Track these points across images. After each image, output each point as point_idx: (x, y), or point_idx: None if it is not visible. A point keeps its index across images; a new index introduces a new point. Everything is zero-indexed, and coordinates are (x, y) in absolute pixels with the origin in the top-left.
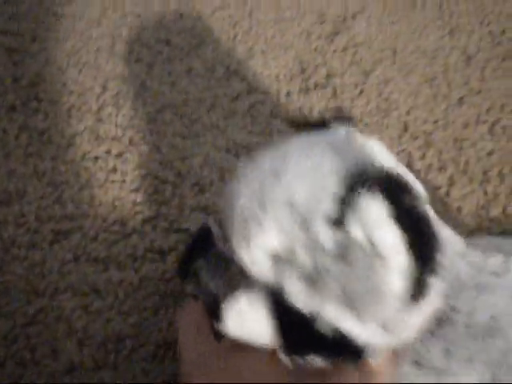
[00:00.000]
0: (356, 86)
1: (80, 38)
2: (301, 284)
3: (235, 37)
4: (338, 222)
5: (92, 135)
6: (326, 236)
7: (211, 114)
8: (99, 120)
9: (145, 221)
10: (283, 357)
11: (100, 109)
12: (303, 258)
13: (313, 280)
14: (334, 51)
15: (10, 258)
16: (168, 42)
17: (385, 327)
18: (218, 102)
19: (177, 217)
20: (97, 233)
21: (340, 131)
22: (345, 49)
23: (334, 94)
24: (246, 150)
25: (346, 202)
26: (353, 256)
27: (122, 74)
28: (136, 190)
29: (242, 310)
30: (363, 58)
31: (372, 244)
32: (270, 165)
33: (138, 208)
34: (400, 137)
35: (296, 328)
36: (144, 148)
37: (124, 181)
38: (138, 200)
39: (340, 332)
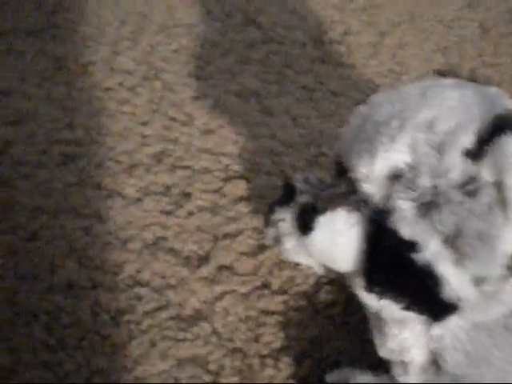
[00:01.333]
0: (371, 46)
1: None
2: (413, 208)
3: None
4: (473, 156)
5: (106, 66)
6: (458, 165)
7: (225, 59)
8: (115, 52)
9: (151, 155)
10: (360, 292)
11: (117, 42)
12: (425, 180)
13: (427, 206)
14: (353, 10)
15: (17, 176)
16: None
17: (481, 285)
18: (233, 48)
19: (182, 154)
20: (103, 160)
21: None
22: (363, 9)
23: (349, 51)
24: (256, 97)
25: (486, 140)
26: (477, 192)
27: (142, 11)
28: (145, 124)
29: (336, 226)
30: (381, 20)
31: (500, 187)
32: (419, 90)
33: (145, 141)
34: None
35: (388, 256)
36: (157, 84)
37: (134, 113)
38: (147, 133)
39: (433, 273)
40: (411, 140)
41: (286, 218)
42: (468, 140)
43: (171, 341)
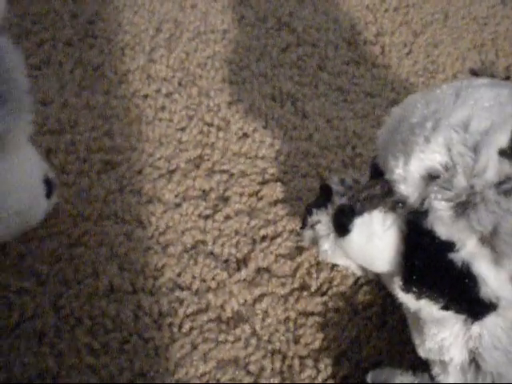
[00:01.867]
0: (405, 45)
1: None
2: (449, 208)
3: None
4: (509, 155)
5: (143, 74)
6: (493, 165)
7: (259, 63)
8: (151, 60)
9: (188, 160)
10: (398, 292)
11: (152, 50)
12: (461, 180)
13: (463, 206)
14: (386, 10)
15: (59, 184)
16: None
17: None
18: (267, 52)
19: (219, 159)
20: (142, 167)
21: None
22: (396, 9)
23: (382, 52)
24: (291, 100)
25: None
26: None
27: (176, 18)
28: (182, 130)
29: (373, 227)
30: (414, 19)
31: None
32: (453, 91)
33: (182, 146)
34: None
35: (426, 256)
36: (193, 90)
37: (171, 120)
38: (184, 139)
39: (471, 272)
40: (446, 140)
41: (322, 220)
42: (503, 139)
43: (212, 343)
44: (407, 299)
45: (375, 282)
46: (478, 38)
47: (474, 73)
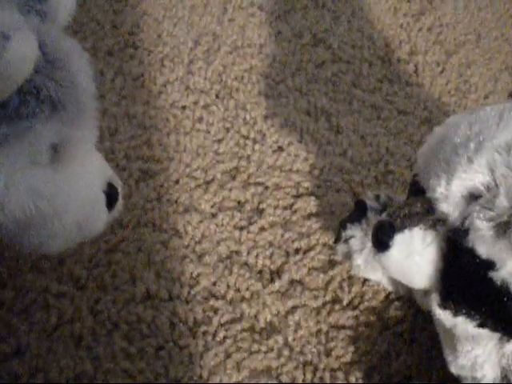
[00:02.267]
0: (438, 65)
1: None
2: (490, 227)
3: (324, 5)
4: None
5: (182, 85)
6: None
7: (295, 78)
8: (190, 72)
9: (225, 171)
10: (435, 308)
11: (191, 62)
12: (503, 200)
13: (505, 226)
14: (420, 29)
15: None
16: (261, 7)
17: None
18: (303, 67)
19: (255, 171)
20: (179, 177)
21: None
22: (429, 28)
23: (416, 70)
24: (325, 115)
25: None
26: None
27: (215, 31)
28: (219, 141)
29: (413, 244)
30: (447, 39)
31: None
32: (497, 112)
33: (219, 158)
34: None
35: (465, 275)
36: (230, 103)
37: (209, 131)
38: (221, 150)
39: (510, 292)
40: (489, 162)
41: (356, 235)
42: None
43: (245, 352)
44: (444, 316)
45: (406, 298)
46: (510, 59)
47: None
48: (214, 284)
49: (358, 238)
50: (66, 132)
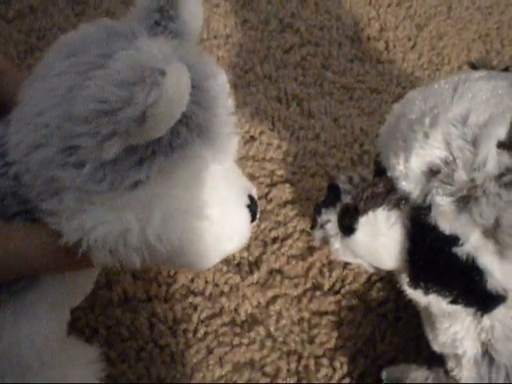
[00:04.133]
0: (409, 39)
1: None
2: (451, 202)
3: None
4: (508, 147)
5: None
6: (493, 157)
7: (264, 65)
8: None
9: None
10: (407, 288)
11: None
12: (462, 174)
13: (465, 200)
14: (389, 5)
15: None
16: None
17: None
18: (271, 54)
19: None
20: None
21: None
22: (399, 3)
23: (386, 47)
24: (297, 101)
25: None
26: None
27: None
28: None
29: (377, 225)
30: (417, 13)
31: None
32: (450, 85)
33: None
34: None
35: (431, 252)
36: None
37: None
38: None
39: (477, 265)
40: (445, 135)
41: (332, 219)
42: (502, 131)
43: (227, 346)
44: (416, 295)
45: (388, 279)
46: (483, 28)
47: (473, 66)
48: (192, 281)
49: (334, 222)
50: (212, 154)
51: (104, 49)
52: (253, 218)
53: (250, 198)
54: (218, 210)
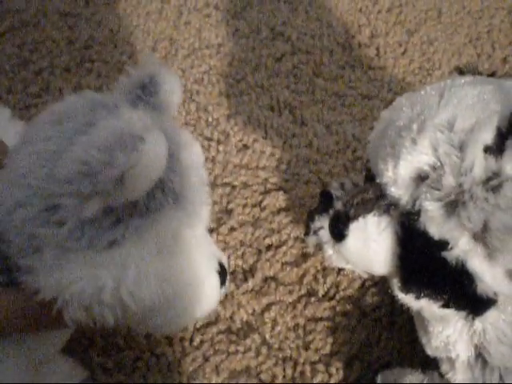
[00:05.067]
0: (400, 45)
1: (130, 2)
2: (440, 207)
3: None
4: (495, 152)
5: None
6: (480, 162)
7: (255, 74)
8: None
9: None
10: (399, 293)
11: None
12: (449, 179)
13: (453, 205)
14: (379, 12)
15: None
16: (216, 6)
17: None
18: (262, 63)
19: (221, 172)
20: None
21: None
22: (389, 9)
23: (377, 53)
24: (289, 108)
25: (508, 136)
26: (501, 187)
27: (171, 36)
28: None
29: (368, 231)
30: (407, 18)
31: None
32: (436, 91)
33: None
34: None
35: (421, 257)
36: (191, 106)
37: None
38: None
39: (466, 269)
40: (432, 141)
41: (325, 226)
42: (488, 136)
43: (223, 354)
44: (407, 300)
45: (382, 284)
46: (473, 32)
47: (460, 71)
48: None
49: (327, 228)
50: (185, 219)
51: (88, 118)
52: (222, 284)
53: (221, 265)
54: (189, 274)
